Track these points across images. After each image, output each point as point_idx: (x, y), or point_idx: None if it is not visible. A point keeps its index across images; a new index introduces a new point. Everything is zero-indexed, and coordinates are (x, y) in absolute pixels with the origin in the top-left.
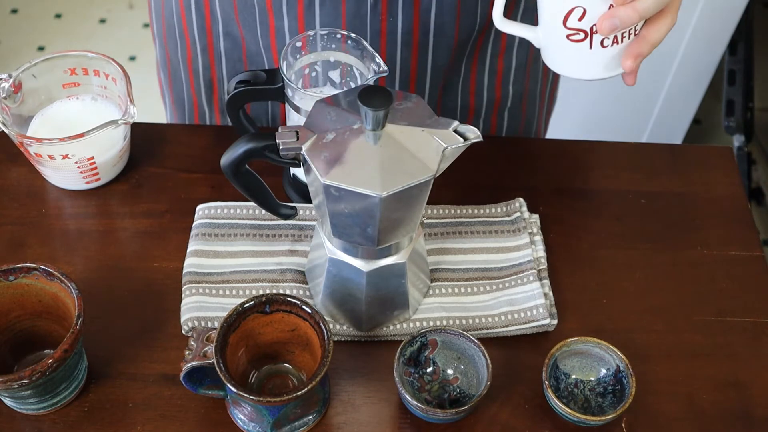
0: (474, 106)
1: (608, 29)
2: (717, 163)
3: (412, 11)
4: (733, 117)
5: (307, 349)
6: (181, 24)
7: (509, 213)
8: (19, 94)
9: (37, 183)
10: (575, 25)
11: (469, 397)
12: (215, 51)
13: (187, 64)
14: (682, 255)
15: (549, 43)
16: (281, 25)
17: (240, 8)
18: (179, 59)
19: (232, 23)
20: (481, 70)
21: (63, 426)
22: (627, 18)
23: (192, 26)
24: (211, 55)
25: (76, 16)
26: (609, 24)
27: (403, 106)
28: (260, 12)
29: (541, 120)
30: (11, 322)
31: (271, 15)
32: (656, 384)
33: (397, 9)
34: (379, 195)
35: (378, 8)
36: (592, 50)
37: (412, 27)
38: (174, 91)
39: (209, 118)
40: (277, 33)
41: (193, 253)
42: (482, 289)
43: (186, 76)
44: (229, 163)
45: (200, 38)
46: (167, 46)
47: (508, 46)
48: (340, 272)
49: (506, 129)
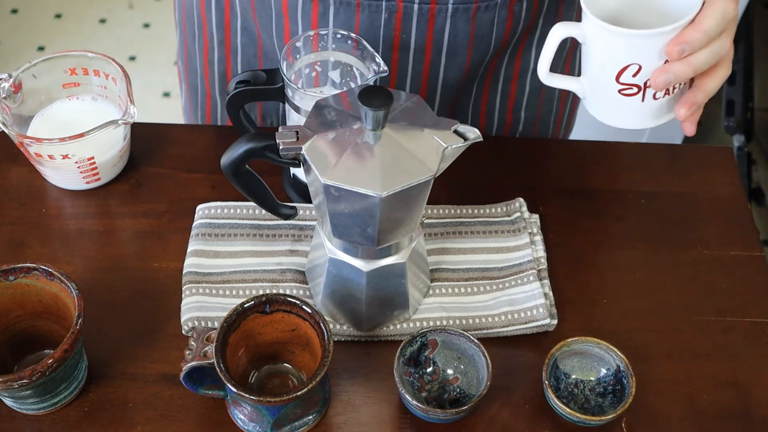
0: (484, 128)
1: (662, 85)
2: (717, 163)
3: (426, 29)
4: (733, 117)
5: (307, 349)
6: (200, 15)
7: (509, 213)
8: (19, 94)
9: (37, 183)
10: (629, 81)
11: (469, 397)
12: (232, 45)
13: (203, 54)
14: (682, 255)
15: (597, 97)
16: (296, 29)
17: (257, 8)
18: (196, 49)
19: (249, 20)
20: (493, 94)
21: (63, 426)
22: (682, 74)
23: (211, 19)
24: (227, 49)
25: (76, 16)
26: (663, 79)
27: (403, 106)
28: (276, 14)
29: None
30: (11, 322)
31: (287, 18)
32: (656, 384)
33: (411, 25)
34: (379, 195)
35: (392, 23)
36: (644, 102)
37: (425, 45)
38: (189, 79)
39: (221, 109)
40: (291, 36)
41: (193, 253)
42: (482, 289)
43: (201, 66)
44: (229, 163)
45: (218, 31)
46: (186, 34)
47: (522, 72)
48: (340, 272)
49: None
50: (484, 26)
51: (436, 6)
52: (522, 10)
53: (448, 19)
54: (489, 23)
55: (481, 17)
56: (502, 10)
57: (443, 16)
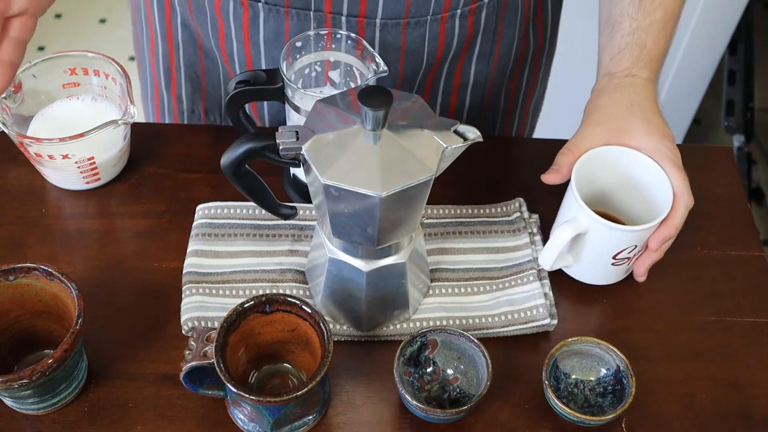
0: None
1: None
2: (717, 163)
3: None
4: (733, 117)
5: (307, 349)
6: (145, 10)
7: (509, 213)
8: (19, 94)
9: (37, 183)
10: (624, 256)
11: (469, 397)
12: (174, 41)
13: (150, 49)
14: (682, 255)
15: (590, 270)
16: (229, 31)
17: (194, 7)
18: (144, 42)
19: (188, 17)
20: (432, 105)
21: (63, 426)
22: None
23: (154, 14)
24: (170, 45)
25: (76, 16)
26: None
27: (403, 106)
28: (210, 15)
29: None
30: (11, 322)
31: (220, 20)
32: (656, 384)
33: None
34: (379, 195)
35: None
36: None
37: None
38: (140, 71)
39: (167, 103)
40: (225, 38)
41: (193, 253)
42: (482, 289)
43: (148, 60)
44: (229, 163)
45: (161, 27)
46: (136, 28)
47: (462, 85)
48: (340, 272)
49: None
50: (415, 41)
51: (364, 20)
52: (455, 27)
53: (377, 32)
54: (420, 38)
55: (411, 32)
56: (433, 26)
57: (372, 30)
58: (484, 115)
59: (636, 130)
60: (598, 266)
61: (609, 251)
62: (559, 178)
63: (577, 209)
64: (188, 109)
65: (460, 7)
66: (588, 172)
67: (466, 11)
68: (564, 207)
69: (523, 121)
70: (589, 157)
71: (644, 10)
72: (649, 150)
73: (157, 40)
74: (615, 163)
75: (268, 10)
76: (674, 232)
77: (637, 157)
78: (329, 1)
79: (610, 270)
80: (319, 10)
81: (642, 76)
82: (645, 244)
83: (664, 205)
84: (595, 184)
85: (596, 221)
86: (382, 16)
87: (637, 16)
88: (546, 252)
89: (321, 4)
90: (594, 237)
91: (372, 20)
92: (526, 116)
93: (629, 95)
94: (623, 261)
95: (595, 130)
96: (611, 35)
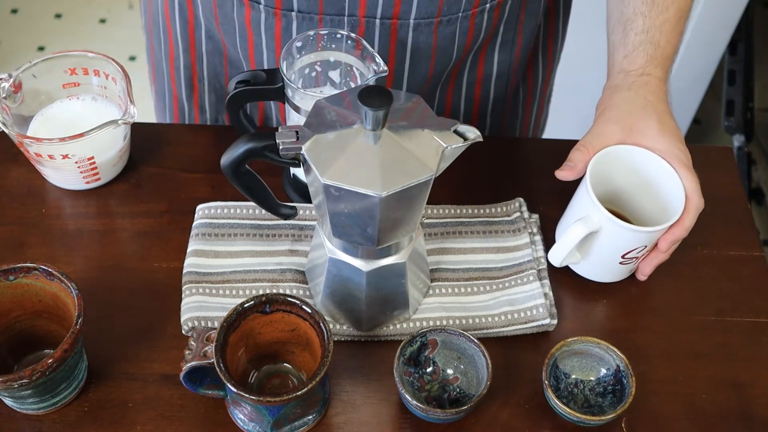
0: None
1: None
2: (717, 163)
3: (389, 41)
4: (733, 117)
5: (307, 349)
6: (165, 22)
7: (509, 213)
8: (19, 94)
9: (37, 183)
10: (632, 256)
11: (469, 397)
12: (197, 52)
13: (169, 60)
14: (681, 255)
15: (597, 267)
16: (260, 41)
17: (221, 20)
18: (162, 54)
19: (213, 29)
20: (457, 98)
21: (63, 426)
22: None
23: (175, 27)
24: (192, 56)
25: (76, 16)
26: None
27: (403, 106)
28: (240, 27)
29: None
30: (11, 322)
31: (250, 31)
32: (656, 384)
33: (374, 38)
34: (379, 195)
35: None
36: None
37: (388, 55)
38: (157, 83)
39: (188, 114)
40: (255, 48)
41: (193, 253)
42: (482, 289)
43: (168, 72)
44: (229, 163)
45: (183, 39)
46: (152, 39)
47: (486, 76)
48: (340, 272)
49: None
50: (446, 38)
51: (398, 21)
52: (483, 21)
53: (410, 32)
54: (451, 35)
55: (443, 30)
56: (464, 22)
57: (405, 30)
58: (508, 107)
59: (650, 130)
60: (605, 264)
61: (619, 250)
62: (573, 175)
63: (590, 207)
64: (212, 118)
65: (489, 1)
66: (602, 170)
67: (494, 4)
68: (575, 204)
69: (540, 109)
70: (603, 155)
71: (657, 8)
72: (661, 151)
73: (178, 51)
74: (629, 162)
75: (301, 19)
76: (684, 235)
77: (650, 157)
78: (363, 6)
79: (616, 268)
80: (353, 15)
81: (656, 75)
82: (654, 245)
83: (677, 207)
84: (608, 182)
85: (610, 220)
86: (415, 16)
87: (650, 15)
88: (557, 249)
89: (355, 8)
90: (605, 236)
91: (405, 21)
92: (543, 104)
93: (644, 95)
94: (631, 260)
95: (609, 127)
96: (624, 33)
